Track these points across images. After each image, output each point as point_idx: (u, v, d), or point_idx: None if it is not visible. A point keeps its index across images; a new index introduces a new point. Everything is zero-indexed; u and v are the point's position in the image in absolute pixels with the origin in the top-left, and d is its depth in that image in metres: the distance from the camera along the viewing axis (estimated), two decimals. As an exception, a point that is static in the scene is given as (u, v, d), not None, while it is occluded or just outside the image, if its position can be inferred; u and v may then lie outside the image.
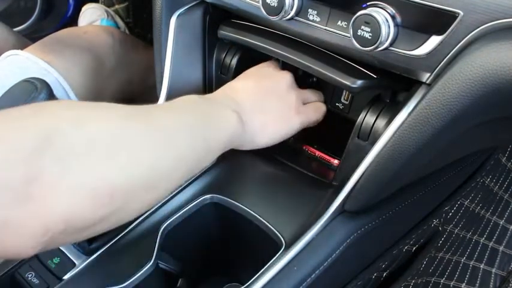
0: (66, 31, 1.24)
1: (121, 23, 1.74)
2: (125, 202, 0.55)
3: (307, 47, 0.80)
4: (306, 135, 0.88)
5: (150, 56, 1.29)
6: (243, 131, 0.75)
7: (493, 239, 1.18)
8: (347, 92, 0.93)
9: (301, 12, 0.76)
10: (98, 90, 1.13)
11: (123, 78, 1.23)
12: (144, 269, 0.70)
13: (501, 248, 1.19)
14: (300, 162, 0.88)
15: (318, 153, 0.88)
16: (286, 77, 0.85)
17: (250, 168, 0.84)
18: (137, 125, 0.58)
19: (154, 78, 0.93)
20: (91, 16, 1.68)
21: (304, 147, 0.90)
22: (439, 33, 0.64)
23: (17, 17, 1.75)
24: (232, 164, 0.84)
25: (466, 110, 0.62)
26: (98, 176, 0.52)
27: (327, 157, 0.88)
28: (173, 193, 0.79)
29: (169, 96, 0.92)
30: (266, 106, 0.80)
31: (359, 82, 0.73)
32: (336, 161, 0.86)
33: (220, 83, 0.94)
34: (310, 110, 0.86)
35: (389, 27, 0.66)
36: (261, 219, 0.76)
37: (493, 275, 1.17)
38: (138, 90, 1.28)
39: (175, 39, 0.90)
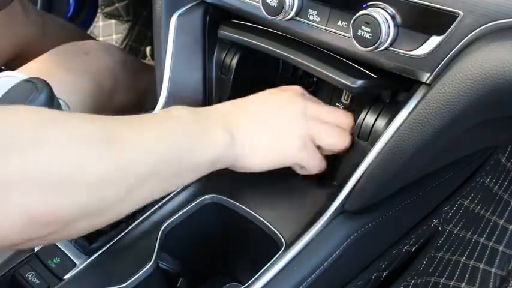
0: (66, 49, 1.20)
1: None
2: (62, 228, 0.51)
3: (307, 47, 0.80)
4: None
5: (149, 78, 1.28)
6: (233, 152, 0.69)
7: (493, 239, 1.18)
8: (347, 92, 0.93)
9: (301, 12, 0.76)
10: None
11: (120, 103, 1.21)
12: (144, 269, 0.70)
13: (501, 248, 1.19)
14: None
15: None
16: (294, 87, 0.78)
17: (251, 168, 0.84)
18: (95, 153, 0.52)
19: (152, 103, 0.93)
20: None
21: None
22: (439, 34, 0.64)
23: (17, 17, 1.74)
24: (232, 164, 0.84)
25: (466, 110, 0.62)
26: (38, 204, 0.48)
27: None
28: (173, 193, 0.80)
29: (169, 97, 0.92)
30: (262, 126, 0.72)
31: (359, 82, 0.73)
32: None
33: (221, 83, 0.95)
34: (324, 131, 0.74)
35: (389, 27, 0.66)
36: (261, 219, 0.76)
37: (492, 275, 1.17)
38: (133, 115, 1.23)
39: (175, 40, 0.90)
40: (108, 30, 1.90)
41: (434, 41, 0.65)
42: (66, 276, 0.72)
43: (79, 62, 1.17)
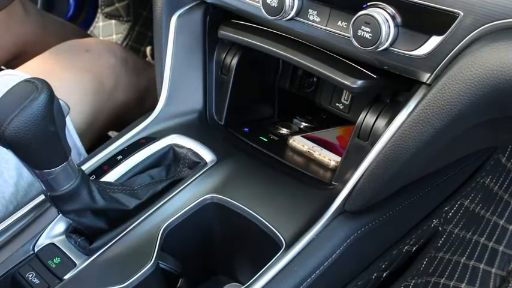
0: (68, 46, 1.21)
1: None
2: None
3: (307, 47, 0.80)
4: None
5: (150, 77, 1.27)
6: None
7: (493, 239, 1.18)
8: (347, 92, 0.93)
9: (301, 12, 0.76)
10: (94, 115, 1.11)
11: (121, 101, 1.20)
12: (144, 269, 0.70)
13: (501, 248, 1.19)
14: (300, 163, 0.88)
15: (317, 153, 0.88)
16: None
17: (250, 168, 0.84)
18: None
19: (151, 102, 0.92)
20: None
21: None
22: (439, 34, 0.64)
23: (17, 17, 1.74)
24: (232, 164, 0.84)
25: (466, 110, 0.62)
26: None
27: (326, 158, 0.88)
28: (173, 193, 0.79)
29: (169, 97, 0.92)
30: None
31: (359, 82, 0.73)
32: (333, 162, 0.86)
33: (221, 83, 0.95)
34: None
35: (389, 27, 0.66)
36: (261, 219, 0.76)
37: (492, 275, 1.17)
38: (134, 113, 1.16)
39: (175, 40, 0.90)
40: (108, 31, 1.90)
41: (434, 41, 0.65)
42: (66, 276, 0.72)
43: (80, 59, 1.17)
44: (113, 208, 0.75)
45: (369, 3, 0.68)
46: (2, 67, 1.30)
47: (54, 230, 0.77)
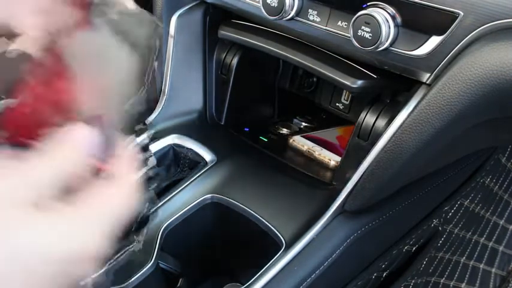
0: None
1: None
2: None
3: (307, 47, 0.80)
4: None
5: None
6: None
7: (493, 239, 1.18)
8: (347, 92, 0.93)
9: (301, 12, 0.76)
10: None
11: None
12: (144, 269, 0.70)
13: (501, 248, 1.19)
14: (300, 163, 0.88)
15: (317, 153, 0.88)
16: None
17: (251, 168, 0.84)
18: None
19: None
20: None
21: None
22: (439, 34, 0.64)
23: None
24: (232, 164, 0.84)
25: (466, 110, 0.62)
26: None
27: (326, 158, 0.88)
28: (173, 193, 0.79)
29: (169, 97, 0.92)
30: None
31: (359, 82, 0.73)
32: (333, 162, 0.86)
33: (221, 83, 0.95)
34: None
35: (389, 27, 0.66)
36: (261, 219, 0.76)
37: (492, 275, 1.17)
38: None
39: (175, 40, 0.90)
40: (108, 30, 1.90)
41: (434, 41, 0.65)
42: (66, 276, 0.71)
43: None
44: (113, 208, 0.75)
45: (368, 3, 0.68)
46: None
47: (54, 230, 0.77)
